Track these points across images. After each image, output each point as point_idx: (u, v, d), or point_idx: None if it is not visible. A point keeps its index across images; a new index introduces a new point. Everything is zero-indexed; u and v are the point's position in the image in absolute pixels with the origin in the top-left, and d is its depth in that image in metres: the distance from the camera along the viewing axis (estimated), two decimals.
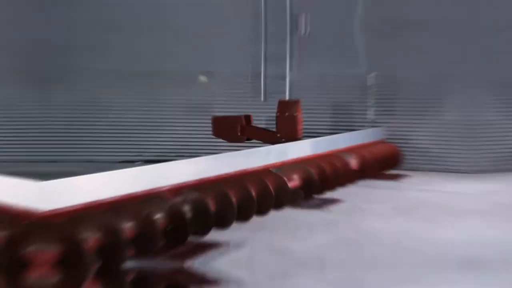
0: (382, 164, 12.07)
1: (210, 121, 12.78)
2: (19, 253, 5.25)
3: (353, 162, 11.19)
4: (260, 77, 14.29)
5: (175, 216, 6.68)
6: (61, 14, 13.94)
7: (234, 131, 12.23)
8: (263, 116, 13.87)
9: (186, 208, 6.93)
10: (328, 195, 10.02)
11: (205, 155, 9.48)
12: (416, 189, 11.11)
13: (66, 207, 5.99)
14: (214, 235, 7.27)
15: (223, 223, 7.43)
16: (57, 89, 14.02)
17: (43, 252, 5.27)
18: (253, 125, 12.45)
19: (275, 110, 12.33)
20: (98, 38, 13.92)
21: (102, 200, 6.39)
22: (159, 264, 6.33)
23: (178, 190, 7.41)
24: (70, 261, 5.38)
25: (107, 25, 13.92)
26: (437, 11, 13.16)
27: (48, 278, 5.21)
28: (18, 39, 13.80)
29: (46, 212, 5.76)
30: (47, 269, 5.22)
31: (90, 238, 5.71)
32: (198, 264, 6.35)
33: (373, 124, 13.73)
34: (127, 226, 6.16)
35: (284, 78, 14.21)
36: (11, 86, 13.86)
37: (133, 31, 14.11)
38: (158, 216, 6.54)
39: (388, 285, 5.74)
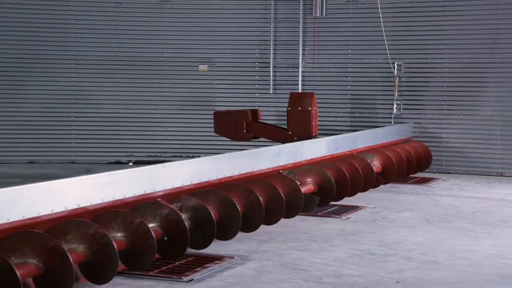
0: (409, 166, 12.06)
1: (211, 117, 12.85)
2: None
3: (376, 164, 11.21)
4: (269, 65, 14.34)
5: (171, 225, 6.71)
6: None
7: (239, 128, 12.26)
8: (272, 111, 13.93)
9: (184, 216, 6.96)
10: (347, 201, 10.05)
11: (206, 156, 9.51)
12: (447, 195, 11.10)
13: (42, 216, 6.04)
14: (216, 247, 7.32)
15: (226, 233, 7.46)
16: (34, 81, 14.14)
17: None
18: (261, 121, 12.47)
19: (286, 104, 12.36)
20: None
21: (84, 207, 6.44)
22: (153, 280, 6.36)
23: (174, 195, 7.45)
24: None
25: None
26: None
27: None
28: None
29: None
30: None
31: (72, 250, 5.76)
32: (195, 280, 6.37)
33: (399, 120, 13.75)
34: (117, 237, 6.19)
35: (296, 67, 14.25)
36: None
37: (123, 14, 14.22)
38: (152, 225, 6.58)
39: None
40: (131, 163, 13.85)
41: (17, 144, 14.09)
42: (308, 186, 9.28)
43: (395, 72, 13.70)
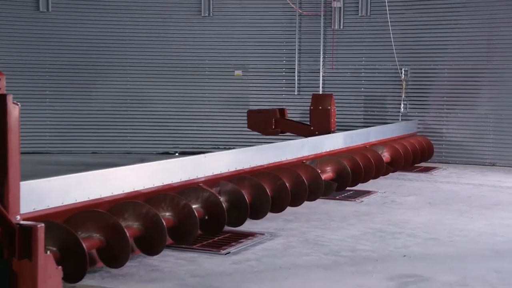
0: (414, 157, 12.00)
1: (245, 115, 12.86)
2: None
3: (386, 155, 11.16)
4: (294, 71, 14.31)
5: (211, 206, 6.74)
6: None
7: (269, 124, 12.25)
8: (297, 110, 13.91)
9: (222, 199, 6.98)
10: (361, 186, 10.01)
11: (240, 147, 9.54)
12: (447, 182, 11.02)
13: (104, 197, 6.10)
14: (249, 225, 7.33)
15: (258, 213, 7.47)
16: (97, 84, 14.24)
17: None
18: (287, 118, 12.45)
19: (309, 104, 12.33)
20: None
21: (139, 190, 6.49)
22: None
23: (214, 181, 7.48)
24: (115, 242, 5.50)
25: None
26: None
27: None
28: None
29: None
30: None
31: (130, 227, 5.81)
32: (232, 253, 6.39)
33: (405, 117, 13.68)
34: (166, 216, 6.23)
35: (317, 72, 14.21)
36: (55, 82, 14.11)
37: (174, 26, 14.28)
38: (195, 206, 6.61)
39: (418, 271, 5.73)
40: (177, 154, 13.90)
41: (83, 137, 14.21)
42: (327, 173, 9.27)
43: (402, 77, 13.62)
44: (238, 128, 13.99)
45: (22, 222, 4.37)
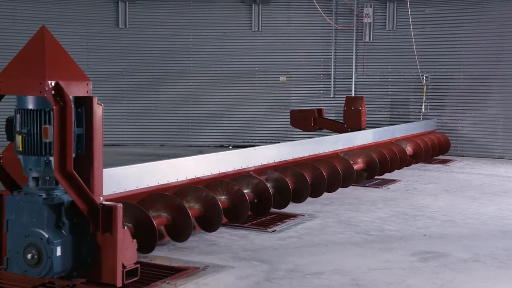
0: (433, 151, 11.83)
1: (288, 114, 12.83)
2: None
3: (409, 149, 11.03)
4: (330, 77, 14.21)
5: (260, 191, 6.75)
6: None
7: (308, 122, 12.22)
8: (333, 110, 13.82)
9: (269, 185, 7.00)
10: (387, 176, 9.91)
11: (284, 142, 9.54)
12: (462, 172, 10.84)
13: (171, 183, 6.16)
14: (291, 208, 7.34)
15: (299, 198, 7.47)
16: (165, 87, 14.38)
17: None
18: (324, 117, 12.40)
19: (343, 105, 12.27)
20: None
21: (199, 177, 6.53)
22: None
23: (262, 170, 7.49)
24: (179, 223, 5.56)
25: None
26: None
27: None
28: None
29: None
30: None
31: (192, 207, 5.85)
32: (277, 231, 6.39)
33: (426, 116, 13.49)
34: (221, 199, 6.27)
35: (350, 78, 14.09)
36: (131, 86, 14.29)
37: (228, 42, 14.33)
38: (246, 191, 6.63)
39: (437, 249, 5.66)
40: (230, 147, 13.94)
41: (153, 131, 14.34)
42: (358, 164, 9.20)
43: (423, 82, 13.42)
44: (282, 125, 13.97)
45: (104, 202, 4.44)
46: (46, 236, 4.31)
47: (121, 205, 4.44)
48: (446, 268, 5.23)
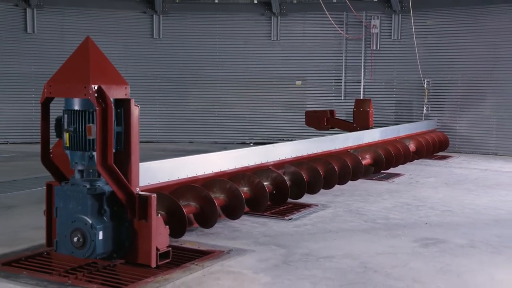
0: (434, 148, 11.72)
1: (303, 114, 12.80)
2: None
3: (412, 146, 10.94)
4: (341, 81, 14.15)
5: (278, 183, 6.75)
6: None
7: (321, 121, 12.19)
8: (343, 111, 13.75)
9: (286, 178, 6.99)
10: (392, 170, 9.85)
11: (300, 139, 9.53)
12: (459, 167, 10.73)
13: (199, 175, 6.18)
14: (306, 198, 7.33)
15: (313, 189, 7.45)
16: (193, 90, 14.42)
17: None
18: (336, 117, 12.36)
19: (352, 106, 12.21)
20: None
21: (224, 171, 6.55)
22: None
23: (280, 165, 7.49)
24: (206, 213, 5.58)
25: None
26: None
27: None
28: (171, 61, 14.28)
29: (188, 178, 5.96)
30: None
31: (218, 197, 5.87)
32: (293, 219, 6.39)
33: (427, 117, 13.38)
34: (244, 190, 6.27)
35: (359, 82, 14.01)
36: (163, 90, 14.37)
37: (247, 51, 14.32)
38: (266, 183, 6.63)
39: (437, 235, 5.61)
40: (252, 144, 13.95)
41: (183, 130, 14.40)
42: (366, 160, 9.15)
43: (425, 86, 13.31)
44: (298, 124, 13.94)
45: (140, 192, 4.48)
46: (90, 222, 4.36)
47: (155, 195, 4.47)
48: (445, 253, 5.19)
